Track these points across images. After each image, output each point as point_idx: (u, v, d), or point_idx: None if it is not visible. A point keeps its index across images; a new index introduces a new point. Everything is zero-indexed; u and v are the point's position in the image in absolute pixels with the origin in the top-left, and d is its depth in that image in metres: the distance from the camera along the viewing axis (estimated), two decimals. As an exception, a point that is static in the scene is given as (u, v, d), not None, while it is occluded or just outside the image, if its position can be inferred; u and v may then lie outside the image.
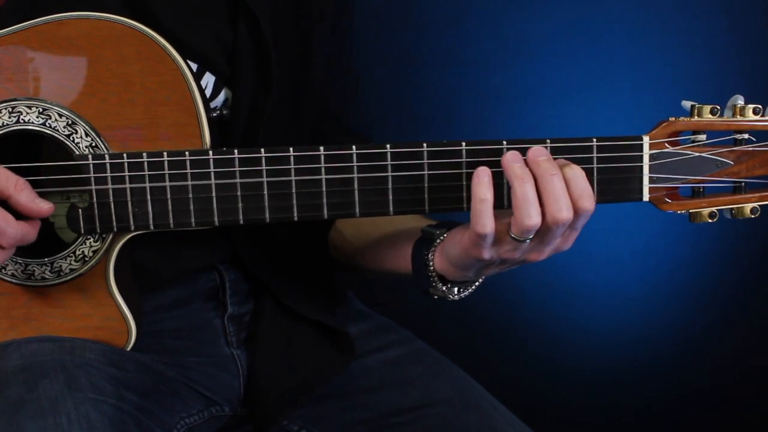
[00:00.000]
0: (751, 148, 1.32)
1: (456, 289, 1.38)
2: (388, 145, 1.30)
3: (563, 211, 1.24)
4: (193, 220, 1.32)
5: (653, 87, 2.15)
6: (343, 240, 1.55)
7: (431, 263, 1.36)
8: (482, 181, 1.26)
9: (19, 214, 1.28)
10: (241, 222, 1.32)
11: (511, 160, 1.26)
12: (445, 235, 1.35)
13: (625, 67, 2.17)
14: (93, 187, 1.31)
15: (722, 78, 2.15)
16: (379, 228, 1.48)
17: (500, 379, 1.82)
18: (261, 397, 1.46)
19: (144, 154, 1.30)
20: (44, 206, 1.28)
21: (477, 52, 2.16)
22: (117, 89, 1.31)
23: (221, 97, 1.44)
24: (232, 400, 1.49)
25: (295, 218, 1.32)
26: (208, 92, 1.42)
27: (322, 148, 1.31)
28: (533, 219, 1.24)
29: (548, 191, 1.24)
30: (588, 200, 1.26)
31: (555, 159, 1.27)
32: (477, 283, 1.39)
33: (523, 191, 1.24)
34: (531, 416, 1.53)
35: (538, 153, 1.26)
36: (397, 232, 1.46)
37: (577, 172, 1.26)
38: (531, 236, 1.26)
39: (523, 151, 1.28)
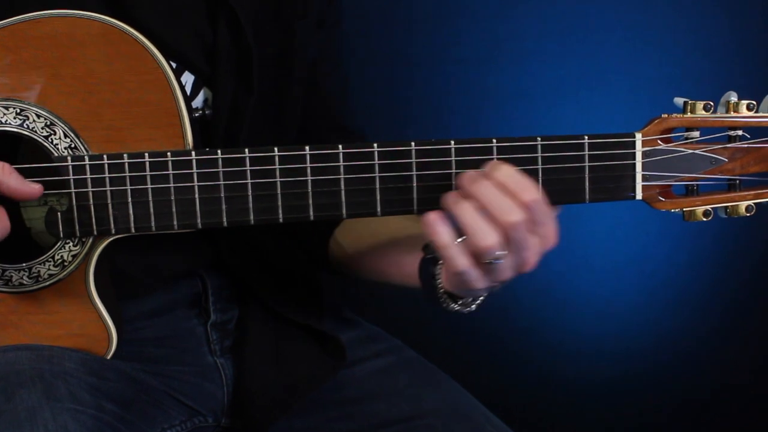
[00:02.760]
0: (745, 145, 1.30)
1: (470, 300, 1.33)
2: (375, 144, 1.28)
3: (511, 213, 1.21)
4: (175, 222, 1.30)
5: (649, 87, 2.15)
6: (342, 252, 1.53)
7: (440, 284, 1.32)
8: (437, 231, 1.22)
9: None
10: (225, 224, 1.30)
11: (446, 199, 1.24)
12: None
13: (620, 66, 2.17)
14: (72, 189, 1.28)
15: (720, 78, 2.16)
16: (377, 237, 1.46)
17: (492, 389, 1.81)
18: (249, 405, 1.44)
19: (125, 155, 1.28)
20: (36, 186, 1.26)
21: (468, 50, 2.16)
22: (96, 89, 1.29)
23: (200, 97, 1.42)
24: (216, 410, 1.47)
25: (281, 220, 1.30)
26: (186, 92, 1.40)
27: (307, 147, 1.28)
28: (491, 238, 1.21)
29: (488, 201, 1.21)
30: (528, 192, 1.21)
31: (492, 160, 1.25)
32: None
33: (471, 215, 1.21)
34: (525, 427, 1.51)
35: (464, 177, 1.24)
36: (395, 243, 1.43)
37: (505, 171, 1.23)
38: (501, 253, 1.22)
39: (515, 149, 1.26)
